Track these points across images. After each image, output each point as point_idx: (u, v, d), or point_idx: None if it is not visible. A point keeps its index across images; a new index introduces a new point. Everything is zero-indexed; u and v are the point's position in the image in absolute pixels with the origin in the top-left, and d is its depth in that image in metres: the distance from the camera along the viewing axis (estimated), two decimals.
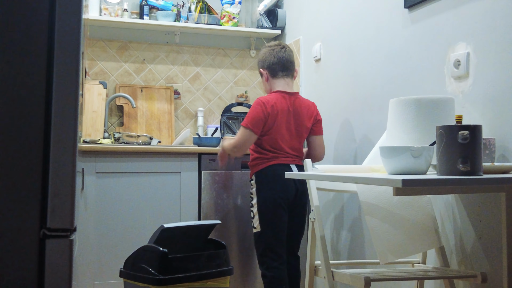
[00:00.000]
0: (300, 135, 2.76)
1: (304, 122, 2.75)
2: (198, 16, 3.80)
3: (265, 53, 2.83)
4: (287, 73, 2.80)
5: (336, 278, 1.98)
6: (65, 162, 1.41)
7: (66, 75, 1.42)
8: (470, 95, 2.01)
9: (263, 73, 2.85)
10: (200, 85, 3.95)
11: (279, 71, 2.79)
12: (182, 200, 3.15)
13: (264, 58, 2.83)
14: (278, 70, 2.79)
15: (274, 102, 2.69)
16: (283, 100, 2.72)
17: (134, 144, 3.31)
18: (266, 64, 2.81)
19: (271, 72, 2.81)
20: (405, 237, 1.94)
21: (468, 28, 2.03)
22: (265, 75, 2.83)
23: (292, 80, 2.83)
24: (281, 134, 2.69)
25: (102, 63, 3.74)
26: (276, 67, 2.79)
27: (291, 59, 2.82)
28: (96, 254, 3.00)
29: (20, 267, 1.39)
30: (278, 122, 2.68)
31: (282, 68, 2.79)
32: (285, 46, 2.84)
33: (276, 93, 2.75)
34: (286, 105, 2.71)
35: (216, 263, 2.34)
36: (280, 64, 2.79)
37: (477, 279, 1.86)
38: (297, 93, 2.80)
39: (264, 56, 2.83)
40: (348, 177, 1.64)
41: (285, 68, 2.79)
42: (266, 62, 2.82)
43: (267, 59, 2.81)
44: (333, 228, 3.07)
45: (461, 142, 1.44)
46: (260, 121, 2.66)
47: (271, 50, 2.82)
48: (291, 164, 2.70)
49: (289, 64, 2.81)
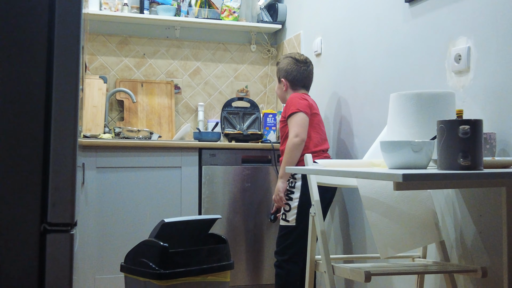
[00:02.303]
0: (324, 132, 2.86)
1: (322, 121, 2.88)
2: (198, 11, 3.79)
3: (291, 66, 2.89)
4: (307, 89, 2.94)
5: (337, 273, 1.98)
6: (65, 157, 1.41)
7: (66, 70, 1.42)
8: (471, 90, 2.01)
9: (283, 82, 2.91)
10: (201, 80, 3.94)
11: (300, 87, 2.90)
12: (183, 195, 3.16)
13: (289, 70, 2.89)
14: (300, 86, 2.90)
15: (309, 99, 2.80)
16: (311, 99, 2.84)
17: (134, 139, 3.31)
18: (290, 77, 2.89)
19: (292, 86, 2.90)
20: (406, 232, 1.94)
21: (469, 22, 2.03)
22: (285, 85, 2.91)
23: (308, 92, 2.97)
24: (318, 130, 2.77)
25: (102, 58, 3.73)
26: (299, 84, 2.90)
27: (312, 79, 2.94)
28: (97, 249, 3.01)
29: (21, 261, 1.39)
30: (316, 119, 2.78)
31: (304, 86, 2.91)
32: (310, 63, 2.93)
33: (301, 93, 2.85)
34: (315, 104, 2.83)
35: (217, 257, 2.34)
36: (304, 82, 2.90)
37: (477, 273, 1.86)
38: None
39: (290, 68, 2.89)
40: (348, 172, 1.64)
41: (306, 86, 2.93)
42: (290, 75, 2.89)
43: (292, 73, 2.88)
44: (334, 222, 3.07)
45: (461, 136, 1.44)
46: (307, 105, 2.74)
47: (298, 66, 2.88)
48: None
49: (310, 83, 2.95)
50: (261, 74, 4.07)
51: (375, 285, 2.62)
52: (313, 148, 2.72)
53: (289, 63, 2.89)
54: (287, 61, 2.90)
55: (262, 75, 4.07)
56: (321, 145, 2.77)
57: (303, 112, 2.69)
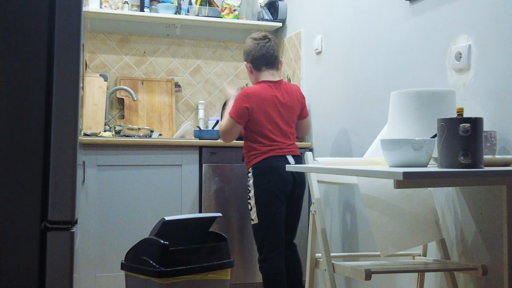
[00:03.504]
0: (292, 121, 2.82)
1: (293, 108, 2.82)
2: (198, 9, 3.79)
3: (250, 46, 2.84)
4: (271, 67, 2.84)
5: (337, 271, 1.98)
6: (66, 155, 1.41)
7: (66, 68, 1.42)
8: (472, 88, 2.01)
9: (247, 66, 2.88)
10: (201, 78, 3.94)
11: (262, 65, 2.82)
12: (183, 193, 3.16)
13: (249, 51, 2.84)
14: (262, 65, 2.82)
15: (260, 93, 2.73)
16: (269, 89, 2.76)
17: (135, 137, 3.31)
18: (250, 57, 2.84)
19: (255, 66, 2.84)
20: (406, 230, 1.94)
21: (470, 20, 2.02)
22: (249, 68, 2.87)
23: (277, 71, 2.87)
24: (272, 125, 2.74)
25: (103, 56, 3.73)
26: (260, 62, 2.82)
27: (275, 54, 2.84)
28: (98, 247, 3.01)
29: (21, 259, 1.39)
30: (267, 114, 2.73)
31: (266, 63, 2.82)
32: (270, 38, 2.85)
33: (261, 83, 2.79)
34: (273, 94, 2.76)
35: (217, 255, 2.34)
36: (264, 59, 2.82)
37: (477, 271, 1.86)
38: (281, 80, 2.85)
39: (249, 48, 2.84)
40: (349, 170, 1.64)
41: (269, 63, 2.83)
42: (250, 56, 2.84)
43: (251, 53, 2.83)
44: (334, 220, 3.07)
45: (462, 134, 1.44)
46: (244, 113, 2.71)
47: (256, 43, 2.83)
48: (287, 155, 2.74)
49: (273, 59, 2.84)
50: None
51: (375, 283, 2.62)
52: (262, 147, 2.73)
53: (248, 44, 2.87)
54: (247, 43, 2.88)
55: None
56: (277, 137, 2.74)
57: (234, 120, 2.72)
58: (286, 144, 2.75)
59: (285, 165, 2.32)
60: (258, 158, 2.71)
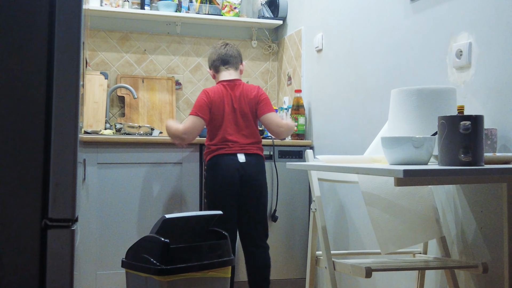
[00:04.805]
0: (247, 120, 2.86)
1: (247, 105, 2.87)
2: (199, 6, 3.78)
3: (209, 53, 3.02)
4: (228, 66, 2.95)
5: (337, 268, 1.98)
6: (66, 152, 1.41)
7: (67, 66, 1.42)
8: (472, 86, 2.01)
9: (210, 73, 3.02)
10: (202, 76, 3.94)
11: (220, 65, 2.95)
12: (184, 191, 3.16)
13: (209, 58, 3.01)
14: (219, 65, 2.95)
15: (215, 92, 2.85)
16: (223, 89, 2.87)
17: (135, 135, 3.31)
18: (210, 63, 3.00)
19: (215, 69, 2.98)
20: (406, 228, 1.94)
21: (470, 18, 2.02)
22: (211, 74, 3.01)
23: (236, 71, 2.96)
24: (225, 124, 2.82)
25: (103, 54, 3.73)
26: (217, 63, 2.95)
27: (232, 54, 2.96)
28: (98, 245, 3.02)
29: (22, 257, 1.39)
30: (221, 112, 2.82)
31: (223, 63, 2.94)
32: (228, 44, 2.99)
33: (218, 84, 2.91)
34: (226, 93, 2.86)
35: (218, 253, 2.34)
36: (220, 59, 2.94)
37: (478, 269, 1.86)
38: (238, 79, 2.92)
39: (210, 56, 3.01)
40: (349, 168, 1.64)
41: (225, 62, 2.94)
42: (209, 61, 3.01)
43: (210, 58, 3.00)
44: (334, 218, 3.07)
45: (462, 132, 1.44)
46: (205, 108, 2.82)
47: (214, 49, 2.99)
48: (238, 153, 2.79)
49: (229, 57, 2.95)
50: (262, 70, 4.06)
51: (376, 280, 2.62)
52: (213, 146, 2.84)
53: (208, 53, 3.04)
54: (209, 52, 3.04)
55: (263, 71, 4.06)
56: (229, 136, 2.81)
57: (195, 115, 2.82)
58: (239, 143, 2.81)
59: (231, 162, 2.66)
60: (208, 156, 2.85)
